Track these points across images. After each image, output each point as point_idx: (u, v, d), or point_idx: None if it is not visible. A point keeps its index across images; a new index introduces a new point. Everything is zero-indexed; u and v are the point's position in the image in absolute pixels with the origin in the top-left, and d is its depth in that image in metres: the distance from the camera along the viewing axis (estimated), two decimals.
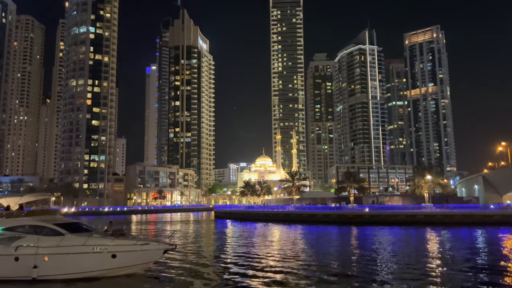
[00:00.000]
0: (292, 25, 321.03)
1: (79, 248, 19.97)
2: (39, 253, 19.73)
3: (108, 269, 20.15)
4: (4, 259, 19.91)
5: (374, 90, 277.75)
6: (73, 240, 20.24)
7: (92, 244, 20.09)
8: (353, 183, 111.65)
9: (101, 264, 20.02)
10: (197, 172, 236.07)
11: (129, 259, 20.35)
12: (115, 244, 20.19)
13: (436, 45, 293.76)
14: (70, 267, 19.84)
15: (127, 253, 20.25)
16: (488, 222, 58.57)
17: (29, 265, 19.53)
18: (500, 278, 19.94)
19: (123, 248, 20.26)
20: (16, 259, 19.79)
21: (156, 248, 20.95)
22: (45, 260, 19.66)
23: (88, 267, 19.94)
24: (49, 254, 19.77)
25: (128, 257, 20.29)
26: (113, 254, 19.99)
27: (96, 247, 20.00)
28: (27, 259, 19.68)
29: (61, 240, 20.07)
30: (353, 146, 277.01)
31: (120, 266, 20.30)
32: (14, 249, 19.87)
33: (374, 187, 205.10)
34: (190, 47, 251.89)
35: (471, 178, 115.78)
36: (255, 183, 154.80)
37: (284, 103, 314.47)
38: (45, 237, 20.21)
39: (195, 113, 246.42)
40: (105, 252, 19.96)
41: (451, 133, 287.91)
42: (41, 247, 19.88)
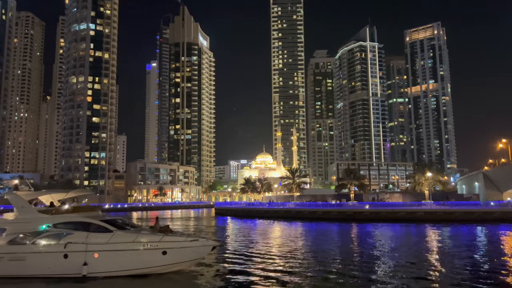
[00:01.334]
0: (293, 22, 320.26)
1: (129, 245, 19.70)
2: (88, 250, 19.48)
3: (158, 266, 19.86)
4: (52, 256, 19.66)
5: (375, 87, 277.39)
6: (123, 237, 19.98)
7: (142, 241, 19.84)
8: (353, 180, 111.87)
9: (152, 261, 19.70)
10: (197, 169, 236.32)
11: (179, 256, 20.09)
12: (166, 241, 19.90)
13: (437, 42, 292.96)
14: (120, 264, 19.59)
15: (177, 249, 19.95)
16: (489, 219, 58.54)
17: (79, 262, 19.27)
18: (500, 275, 19.96)
19: (174, 245, 19.96)
20: (65, 256, 19.51)
21: (205, 245, 20.75)
22: (95, 257, 19.42)
23: (138, 264, 19.62)
24: (99, 251, 19.51)
25: (178, 253, 20.02)
26: (164, 251, 19.71)
27: (146, 244, 19.73)
28: (77, 256, 19.41)
29: (110, 237, 19.81)
30: (353, 143, 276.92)
31: (170, 263, 20.04)
32: (63, 246, 19.59)
33: (375, 184, 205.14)
34: (190, 44, 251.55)
35: (471, 175, 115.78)
36: (256, 180, 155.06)
37: (285, 100, 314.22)
38: (95, 234, 19.92)
39: (195, 110, 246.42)
40: (155, 249, 19.68)
41: (452, 130, 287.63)
42: (90, 244, 19.59)
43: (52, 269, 19.55)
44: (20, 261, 19.74)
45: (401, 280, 19.09)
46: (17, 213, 21.69)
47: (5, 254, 19.87)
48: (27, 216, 21.17)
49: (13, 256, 19.83)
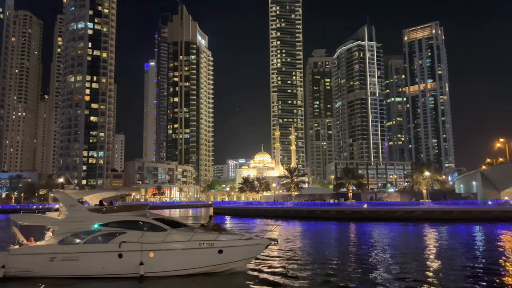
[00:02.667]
0: (291, 21, 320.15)
1: (185, 243, 19.40)
2: (144, 249, 19.05)
3: (214, 265, 19.59)
4: (107, 255, 19.26)
5: (373, 87, 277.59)
6: (178, 235, 19.64)
7: (198, 240, 19.46)
8: (351, 179, 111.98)
9: (208, 260, 19.41)
10: (196, 169, 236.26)
11: (235, 255, 19.77)
12: (221, 239, 19.60)
13: (435, 41, 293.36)
14: (176, 264, 19.27)
15: (233, 248, 19.63)
16: (486, 218, 58.75)
17: (135, 262, 18.91)
18: (496, 275, 20.03)
19: (229, 243, 19.66)
20: (120, 255, 19.12)
21: (259, 243, 20.39)
22: (151, 257, 19.03)
23: (194, 263, 19.32)
24: (154, 250, 19.13)
25: (234, 252, 19.70)
26: (220, 250, 19.41)
27: (203, 243, 19.40)
28: (133, 256, 19.00)
29: (166, 235, 19.42)
30: (351, 142, 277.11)
31: (226, 262, 19.74)
32: (118, 245, 19.20)
33: (373, 183, 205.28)
34: (188, 43, 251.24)
35: (469, 174, 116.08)
36: (254, 179, 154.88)
37: (283, 99, 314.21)
38: (149, 233, 19.50)
39: (193, 109, 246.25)
40: (212, 248, 19.37)
41: (450, 130, 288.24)
42: (146, 243, 19.17)
43: (107, 269, 19.18)
44: (73, 261, 19.32)
45: (398, 279, 19.14)
46: (67, 212, 21.16)
47: (57, 254, 19.49)
48: (78, 215, 20.57)
49: (65, 256, 19.44)
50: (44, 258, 19.51)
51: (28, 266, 19.45)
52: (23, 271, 19.41)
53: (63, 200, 21.82)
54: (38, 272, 19.39)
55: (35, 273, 19.40)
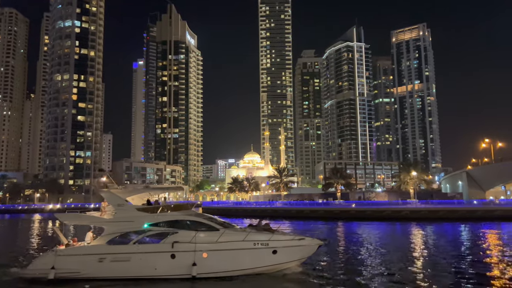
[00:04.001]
0: (281, 21, 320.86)
1: (239, 243, 19.01)
2: (197, 250, 18.65)
3: (268, 265, 19.20)
4: (159, 256, 18.78)
5: (362, 87, 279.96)
6: (232, 235, 19.25)
7: (253, 240, 19.10)
8: (340, 179, 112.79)
9: (263, 260, 19.02)
10: (184, 169, 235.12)
11: (288, 255, 19.50)
12: (275, 240, 19.31)
13: (422, 42, 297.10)
14: (230, 264, 18.79)
15: (286, 248, 19.38)
16: (472, 218, 59.73)
17: (188, 263, 18.49)
18: (482, 272, 20.39)
19: (283, 244, 19.40)
20: (172, 256, 18.68)
21: (312, 244, 20.30)
22: (204, 257, 18.63)
23: (248, 264, 18.92)
24: (208, 250, 18.72)
25: (288, 252, 19.45)
26: (274, 250, 19.08)
27: (257, 243, 19.04)
28: (186, 256, 18.59)
29: (220, 235, 19.01)
30: (340, 142, 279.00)
31: (280, 262, 19.40)
32: (171, 246, 18.76)
33: (361, 183, 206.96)
34: (177, 42, 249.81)
35: (455, 174, 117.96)
36: (243, 179, 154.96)
37: (273, 100, 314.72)
38: (203, 233, 19.07)
39: (182, 109, 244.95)
40: (266, 248, 19.03)
41: (437, 130, 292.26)
42: (199, 243, 18.78)
43: (159, 270, 18.74)
44: (124, 262, 18.86)
45: (383, 276, 19.34)
46: (115, 212, 20.70)
47: (107, 255, 19.05)
48: (127, 214, 20.08)
49: (115, 256, 19.01)
50: (93, 258, 19.05)
51: (76, 267, 18.94)
52: (71, 272, 18.89)
53: (110, 200, 21.23)
54: (86, 273, 18.92)
55: (84, 274, 18.92)
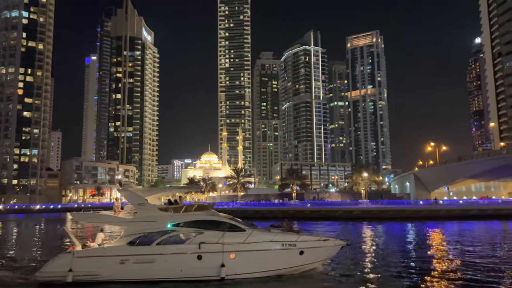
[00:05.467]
0: (240, 22, 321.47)
1: (268, 244, 18.81)
2: (225, 251, 18.26)
3: (294, 266, 19.15)
4: (185, 257, 18.20)
5: (318, 90, 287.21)
6: (260, 236, 19.01)
7: (281, 240, 19.00)
8: (295, 180, 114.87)
9: (290, 261, 18.93)
10: (138, 168, 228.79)
11: (314, 256, 19.51)
12: (302, 240, 19.28)
13: (375, 49, 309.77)
14: (258, 265, 18.50)
15: (313, 249, 19.37)
16: (418, 217, 63.03)
17: (216, 264, 18.04)
18: (426, 268, 21.58)
19: (310, 244, 19.38)
20: (199, 257, 18.12)
21: (336, 244, 20.36)
22: (231, 258, 18.25)
23: (276, 264, 18.74)
24: (236, 251, 18.35)
25: (313, 253, 19.44)
26: (301, 251, 19.03)
27: (285, 244, 18.96)
28: (213, 257, 18.13)
29: (247, 236, 18.73)
30: (296, 144, 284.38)
31: (305, 263, 19.41)
32: (197, 247, 18.20)
33: (316, 183, 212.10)
34: (133, 38, 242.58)
35: (403, 175, 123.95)
36: (200, 179, 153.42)
37: (231, 100, 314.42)
38: (230, 233, 18.68)
39: (137, 107, 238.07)
40: (294, 249, 18.96)
41: (387, 133, 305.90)
42: (227, 243, 18.34)
43: (185, 271, 18.11)
44: (147, 263, 18.08)
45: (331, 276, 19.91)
46: (136, 212, 19.86)
47: (129, 256, 18.17)
48: (149, 214, 19.33)
49: (138, 258, 18.17)
50: (114, 260, 18.16)
51: (96, 270, 18.08)
52: (90, 274, 18.02)
53: (130, 199, 20.34)
54: (107, 276, 18.03)
55: (104, 277, 18.02)
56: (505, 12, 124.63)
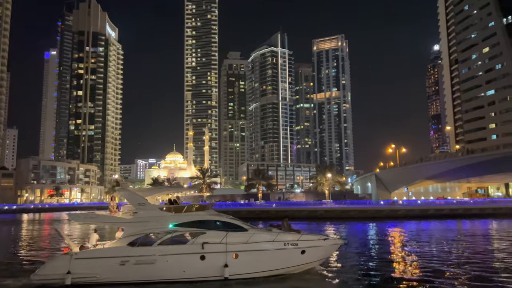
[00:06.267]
0: (207, 21, 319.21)
1: (271, 244, 18.82)
2: (229, 251, 18.14)
3: (297, 265, 19.27)
4: (187, 258, 17.97)
5: (284, 92, 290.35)
6: (262, 235, 19.03)
7: (283, 240, 19.04)
8: (261, 180, 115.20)
9: (292, 260, 19.05)
10: (100, 168, 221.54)
11: (314, 255, 19.72)
12: (303, 240, 19.41)
13: (340, 53, 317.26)
14: (261, 265, 18.50)
15: (314, 248, 19.56)
16: (379, 217, 64.97)
17: (219, 264, 17.89)
18: (389, 265, 22.21)
19: (311, 244, 19.55)
20: (202, 257, 17.90)
21: (335, 243, 20.71)
22: (234, 258, 18.14)
23: (278, 264, 18.79)
24: (239, 251, 18.25)
25: (314, 252, 19.64)
26: (303, 250, 19.17)
27: (288, 243, 19.03)
28: (217, 257, 17.98)
29: (250, 236, 18.69)
30: (263, 144, 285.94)
31: (306, 262, 19.54)
32: (200, 247, 17.96)
33: (281, 184, 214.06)
34: (96, 34, 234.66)
35: (365, 176, 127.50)
36: (164, 180, 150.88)
37: (198, 99, 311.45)
38: (233, 233, 18.59)
39: (100, 105, 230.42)
40: (296, 248, 19.08)
41: (351, 135, 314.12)
42: (230, 243, 18.22)
43: (188, 272, 17.88)
44: (148, 264, 17.72)
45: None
46: (136, 212, 19.26)
47: (130, 258, 17.74)
48: (150, 214, 18.96)
49: (139, 259, 17.77)
50: (114, 262, 17.68)
51: (96, 271, 17.53)
52: (90, 276, 17.48)
53: (130, 199, 19.95)
54: (106, 277, 17.55)
55: (103, 278, 17.53)
56: (462, 21, 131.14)
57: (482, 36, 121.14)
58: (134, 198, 19.83)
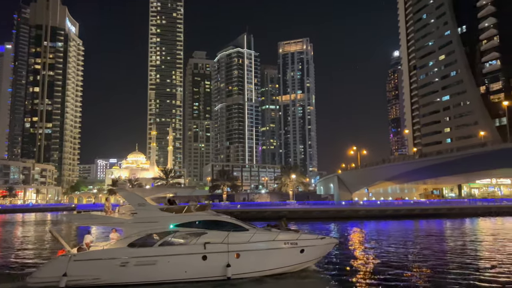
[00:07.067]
0: (173, 19, 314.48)
1: (271, 243, 19.09)
2: (230, 250, 18.27)
3: (296, 264, 19.65)
4: (189, 258, 17.92)
5: (250, 93, 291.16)
6: (263, 235, 19.23)
7: (283, 239, 19.34)
8: (226, 181, 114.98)
9: (292, 259, 19.43)
10: (58, 168, 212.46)
11: (312, 254, 20.10)
12: (302, 239, 19.78)
13: (305, 56, 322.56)
14: (261, 264, 18.78)
15: (312, 247, 19.96)
16: (340, 217, 66.38)
17: (221, 264, 18.00)
18: (350, 263, 22.66)
19: (309, 243, 19.94)
20: (204, 257, 17.92)
21: (331, 243, 21.22)
22: (236, 258, 18.27)
23: (279, 263, 19.11)
24: (240, 251, 18.42)
25: (312, 251, 20.03)
26: (302, 249, 19.54)
27: (288, 242, 19.34)
28: (219, 257, 18.05)
29: (251, 235, 18.89)
30: (228, 145, 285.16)
31: (305, 261, 19.94)
32: (202, 247, 18.00)
33: (246, 185, 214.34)
34: (55, 28, 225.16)
35: (328, 177, 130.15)
36: (126, 180, 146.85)
37: (161, 98, 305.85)
38: (235, 233, 18.74)
39: (58, 102, 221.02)
40: (295, 247, 19.44)
41: (314, 137, 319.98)
42: (232, 243, 18.39)
43: (189, 272, 17.86)
44: (150, 265, 17.59)
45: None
46: (136, 212, 19.07)
47: (130, 259, 17.57)
48: (151, 215, 18.84)
49: (140, 260, 17.64)
50: (115, 263, 17.50)
51: (96, 273, 17.30)
52: (89, 279, 17.26)
53: (130, 199, 19.73)
54: (107, 279, 17.35)
55: (104, 280, 17.34)
56: (421, 29, 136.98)
57: (439, 44, 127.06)
58: (134, 198, 19.63)
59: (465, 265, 22.09)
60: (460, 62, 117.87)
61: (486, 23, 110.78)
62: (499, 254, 26.39)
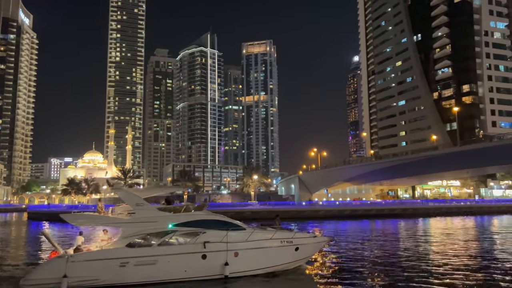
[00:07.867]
0: (134, 15, 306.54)
1: (268, 242, 19.51)
2: (229, 249, 18.52)
3: (290, 262, 20.09)
4: (189, 257, 18.04)
5: (213, 93, 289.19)
6: (260, 234, 19.65)
7: (280, 238, 19.84)
8: (188, 181, 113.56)
9: (287, 257, 19.90)
10: (7, 166, 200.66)
11: (306, 252, 20.67)
12: (297, 237, 20.38)
13: (268, 58, 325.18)
14: (259, 263, 19.15)
15: (305, 245, 20.51)
16: (301, 217, 67.43)
17: (220, 263, 18.27)
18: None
19: (303, 241, 20.50)
20: (203, 256, 18.11)
21: (323, 241, 21.93)
22: (234, 257, 18.53)
23: (275, 261, 19.56)
24: (239, 249, 18.72)
25: (306, 249, 20.59)
26: (297, 247, 20.07)
27: (283, 241, 19.86)
28: (218, 256, 18.30)
29: (249, 234, 19.25)
30: (190, 145, 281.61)
31: (298, 259, 20.42)
32: (202, 246, 18.17)
33: (208, 185, 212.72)
34: (7, 20, 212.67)
35: (289, 178, 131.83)
36: (82, 180, 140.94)
37: (121, 96, 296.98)
38: (233, 232, 19.01)
39: (9, 97, 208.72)
40: (291, 245, 19.94)
41: (277, 138, 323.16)
42: (230, 242, 18.63)
43: (189, 271, 17.98)
44: (149, 265, 17.58)
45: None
46: (134, 212, 18.97)
47: (130, 259, 17.45)
48: (149, 215, 18.79)
49: (140, 260, 17.56)
50: (114, 263, 17.29)
51: (95, 274, 17.02)
52: (89, 279, 16.94)
53: (127, 199, 19.55)
54: (106, 279, 17.13)
55: (103, 281, 17.11)
56: (379, 36, 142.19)
57: (396, 50, 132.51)
58: (131, 198, 19.42)
59: (418, 263, 23.11)
60: (415, 69, 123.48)
61: (440, 32, 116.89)
62: (450, 251, 27.83)
